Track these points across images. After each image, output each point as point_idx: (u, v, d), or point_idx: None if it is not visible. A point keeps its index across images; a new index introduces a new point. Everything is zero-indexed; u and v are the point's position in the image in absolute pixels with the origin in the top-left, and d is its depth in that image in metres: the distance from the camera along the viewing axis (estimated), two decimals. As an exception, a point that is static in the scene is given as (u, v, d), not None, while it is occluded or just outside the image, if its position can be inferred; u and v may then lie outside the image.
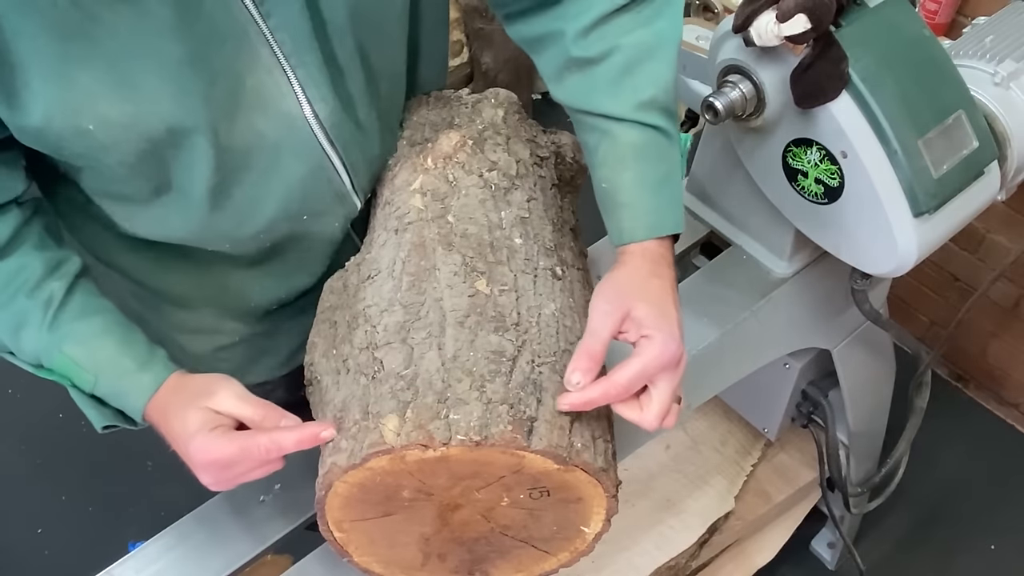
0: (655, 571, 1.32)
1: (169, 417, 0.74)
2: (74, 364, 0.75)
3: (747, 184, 0.95)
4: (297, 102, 0.75)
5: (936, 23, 1.56)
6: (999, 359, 1.95)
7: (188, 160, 0.73)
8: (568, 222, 0.88)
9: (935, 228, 0.84)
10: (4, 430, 2.11)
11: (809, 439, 1.43)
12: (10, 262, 0.75)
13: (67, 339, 0.75)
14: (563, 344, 0.73)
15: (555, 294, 0.77)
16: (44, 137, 0.68)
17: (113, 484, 2.00)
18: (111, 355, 0.76)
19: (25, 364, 0.79)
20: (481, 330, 0.70)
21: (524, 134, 0.88)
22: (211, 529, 0.86)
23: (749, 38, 0.76)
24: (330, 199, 0.84)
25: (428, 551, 0.77)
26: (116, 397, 0.76)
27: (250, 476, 0.72)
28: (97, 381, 0.76)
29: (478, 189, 0.81)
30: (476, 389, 0.67)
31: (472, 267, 0.75)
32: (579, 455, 0.67)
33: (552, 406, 0.68)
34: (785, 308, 1.04)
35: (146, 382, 0.76)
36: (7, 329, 0.75)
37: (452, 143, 0.83)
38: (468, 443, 0.64)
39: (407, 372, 0.69)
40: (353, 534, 0.74)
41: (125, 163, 0.72)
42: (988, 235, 1.79)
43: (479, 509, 0.72)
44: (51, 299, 0.75)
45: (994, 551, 1.81)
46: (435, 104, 0.91)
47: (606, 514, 0.73)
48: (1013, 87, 0.92)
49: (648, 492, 1.41)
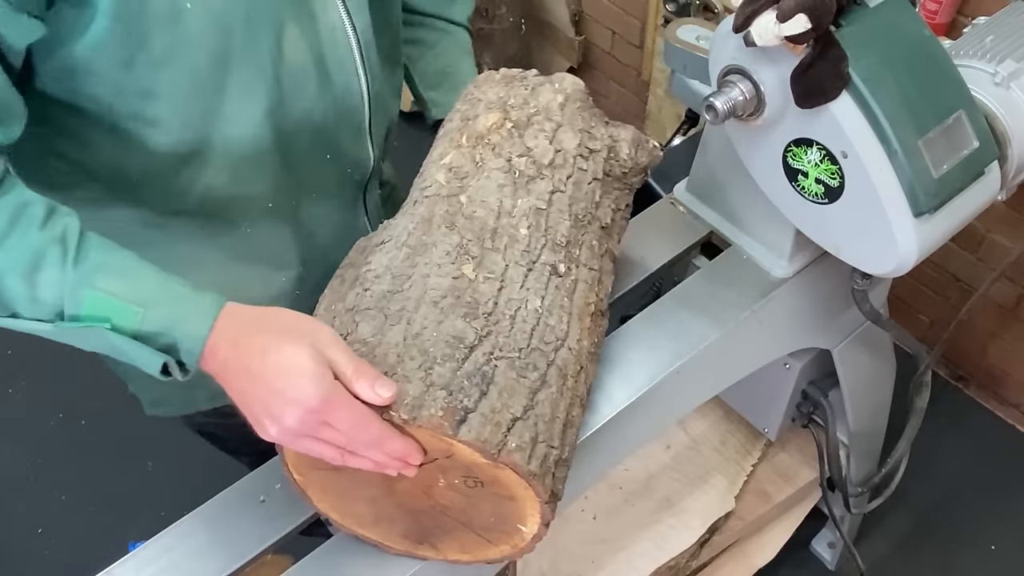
0: (655, 571, 1.32)
1: (249, 348, 0.65)
2: (113, 299, 0.66)
3: (747, 184, 0.95)
4: (340, 15, 0.82)
5: (936, 23, 1.55)
6: (999, 359, 1.95)
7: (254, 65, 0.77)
8: (600, 219, 0.86)
9: (935, 228, 0.84)
10: (4, 430, 2.11)
11: (809, 439, 1.43)
12: (11, 197, 0.67)
13: (100, 273, 0.66)
14: (535, 342, 0.73)
15: (547, 291, 0.76)
16: (140, 22, 0.68)
17: (113, 484, 2.00)
18: (159, 284, 0.68)
19: (31, 325, 0.67)
20: (451, 313, 0.71)
21: (579, 124, 0.86)
22: (211, 529, 0.86)
23: (749, 38, 0.76)
24: (352, 135, 0.90)
25: (378, 512, 0.79)
26: (171, 328, 0.67)
27: (323, 448, 0.66)
28: (147, 314, 0.66)
29: (501, 173, 0.81)
30: (423, 370, 0.68)
31: (466, 250, 0.75)
32: (510, 455, 0.68)
33: (496, 400, 0.69)
34: (785, 308, 1.04)
35: (207, 303, 0.67)
36: (20, 272, 0.65)
37: (488, 124, 0.83)
38: (397, 419, 0.66)
39: (372, 340, 0.71)
40: (310, 479, 0.77)
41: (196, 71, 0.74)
42: (988, 235, 1.79)
43: (419, 484, 0.74)
44: (66, 234, 0.67)
45: (994, 551, 1.81)
46: (499, 82, 0.90)
47: (541, 518, 0.73)
48: (1013, 87, 0.91)
49: (648, 492, 1.41)
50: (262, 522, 0.86)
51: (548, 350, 0.74)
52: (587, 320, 0.80)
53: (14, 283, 0.65)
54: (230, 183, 0.85)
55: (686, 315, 0.98)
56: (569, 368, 0.76)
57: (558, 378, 0.74)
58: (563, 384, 0.75)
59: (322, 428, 0.65)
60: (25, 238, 0.65)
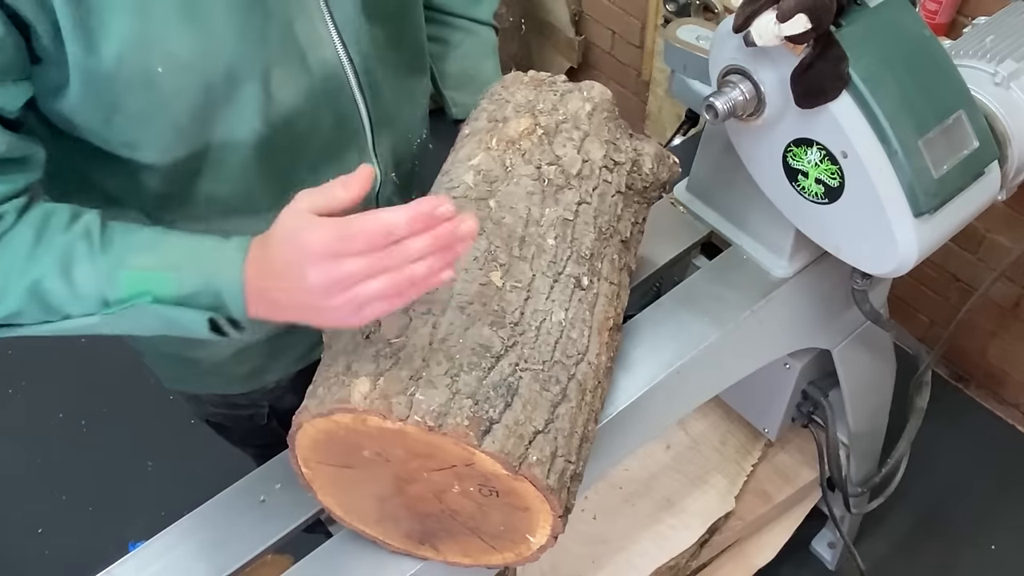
0: (655, 571, 1.32)
1: (265, 260, 0.66)
2: (147, 272, 0.68)
3: (747, 184, 0.95)
4: (335, 48, 0.80)
5: (936, 23, 1.55)
6: (999, 359, 1.95)
7: (239, 113, 0.75)
8: (620, 233, 0.86)
9: (935, 228, 0.84)
10: (4, 430, 2.11)
11: (809, 439, 1.43)
12: (35, 212, 0.71)
13: (127, 253, 0.69)
14: (558, 355, 0.73)
15: (571, 303, 0.76)
16: (111, 89, 0.68)
17: (113, 484, 2.00)
18: (184, 246, 0.70)
19: (82, 321, 0.70)
20: (478, 320, 0.71)
21: (605, 135, 0.86)
22: (211, 529, 0.86)
23: (749, 38, 0.76)
24: (354, 160, 0.88)
25: (383, 511, 0.78)
26: (208, 281, 0.68)
27: (371, 289, 0.61)
28: (182, 276, 0.68)
29: (530, 180, 0.80)
30: (450, 376, 0.68)
31: (494, 256, 0.75)
32: (530, 468, 0.68)
33: (520, 412, 0.68)
34: (785, 308, 1.04)
35: (233, 247, 0.68)
36: (56, 273, 0.68)
37: (520, 129, 0.83)
38: (422, 425, 0.66)
39: (397, 341, 0.70)
40: (318, 474, 0.77)
41: (177, 126, 0.73)
42: (988, 235, 1.79)
43: (431, 489, 0.74)
44: (89, 229, 0.70)
45: (994, 551, 1.81)
46: (528, 84, 0.90)
47: (551, 530, 0.73)
48: (1013, 87, 0.91)
49: (648, 492, 1.41)
50: (262, 522, 0.86)
51: (570, 364, 0.74)
52: (606, 335, 0.80)
53: (54, 286, 0.68)
54: (230, 197, 0.84)
55: (686, 315, 0.98)
56: (588, 383, 0.76)
57: (577, 392, 0.74)
58: (582, 399, 0.74)
59: (345, 262, 0.61)
60: (52, 243, 0.69)
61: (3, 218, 0.70)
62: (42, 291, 0.69)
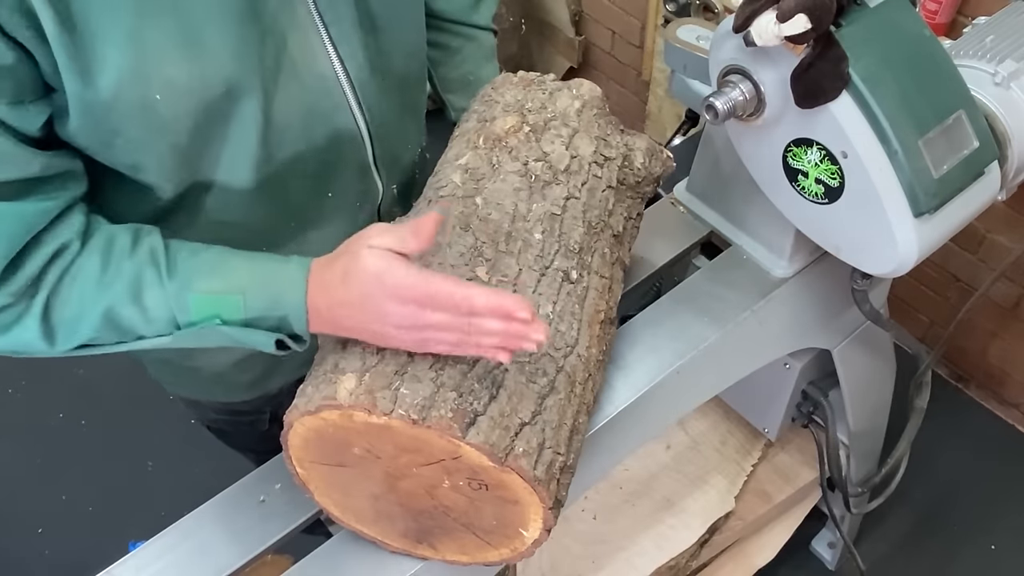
0: (655, 571, 1.32)
1: (337, 286, 0.68)
2: (214, 296, 0.71)
3: (747, 184, 0.95)
4: (330, 63, 0.79)
5: (936, 23, 1.55)
6: (999, 359, 1.95)
7: (238, 132, 0.75)
8: (612, 227, 0.86)
9: (935, 228, 0.84)
10: (4, 430, 2.11)
11: (809, 439, 1.43)
12: (98, 238, 0.73)
13: (194, 278, 0.72)
14: (545, 348, 0.73)
15: (559, 297, 0.76)
16: (109, 118, 0.68)
17: (113, 484, 2.00)
18: (248, 268, 0.73)
19: (155, 341, 0.73)
20: None
21: (595, 131, 0.86)
22: (211, 529, 0.86)
23: (749, 38, 0.76)
24: (355, 171, 0.88)
25: (378, 509, 0.79)
26: (272, 303, 0.71)
27: (441, 336, 0.66)
28: (246, 298, 0.71)
29: (517, 177, 0.80)
30: (435, 370, 0.69)
31: (480, 252, 0.75)
32: (517, 459, 0.68)
33: (505, 404, 0.69)
34: (785, 308, 1.04)
35: (294, 267, 0.71)
36: (128, 299, 0.71)
37: (506, 127, 0.83)
38: (406, 419, 0.66)
39: None
40: (312, 474, 0.78)
41: (178, 147, 0.73)
42: (988, 235, 1.79)
43: (423, 484, 0.74)
44: (154, 252, 0.72)
45: (994, 551, 1.81)
46: (517, 84, 0.90)
47: (543, 524, 0.74)
48: (1013, 87, 0.91)
49: (648, 492, 1.41)
50: (262, 522, 0.86)
51: (558, 356, 0.74)
52: (596, 328, 0.80)
53: (127, 312, 0.71)
54: (232, 212, 0.84)
55: (686, 315, 0.98)
56: (578, 375, 0.76)
57: (566, 385, 0.74)
58: (571, 391, 0.75)
59: (428, 314, 0.65)
60: (120, 271, 0.71)
61: (69, 247, 0.71)
62: (116, 317, 0.72)
